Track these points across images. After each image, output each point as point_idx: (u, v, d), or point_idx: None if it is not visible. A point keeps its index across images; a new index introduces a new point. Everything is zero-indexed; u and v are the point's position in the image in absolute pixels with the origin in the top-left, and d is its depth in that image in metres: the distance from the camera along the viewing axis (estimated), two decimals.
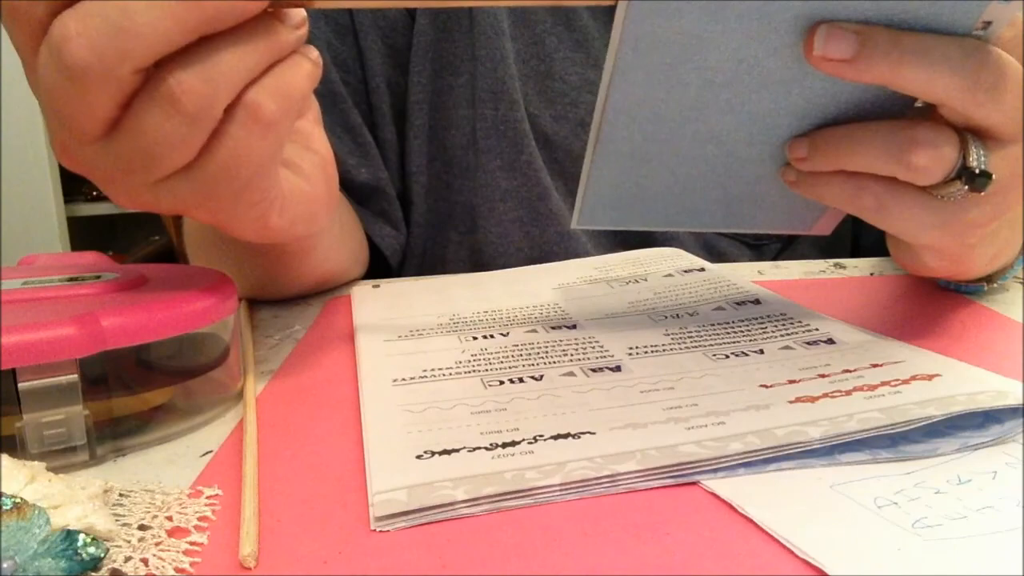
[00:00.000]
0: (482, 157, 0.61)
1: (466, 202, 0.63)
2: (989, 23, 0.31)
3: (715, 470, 0.27)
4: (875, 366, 0.34)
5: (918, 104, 0.35)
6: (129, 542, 0.24)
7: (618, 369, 0.35)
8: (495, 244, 0.63)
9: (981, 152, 0.32)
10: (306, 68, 0.30)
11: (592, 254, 0.62)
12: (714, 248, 0.65)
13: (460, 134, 0.62)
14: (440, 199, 0.64)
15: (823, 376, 0.33)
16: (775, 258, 0.66)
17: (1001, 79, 0.31)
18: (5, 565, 0.21)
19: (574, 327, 0.42)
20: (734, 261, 0.65)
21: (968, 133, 0.33)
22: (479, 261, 0.63)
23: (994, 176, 0.32)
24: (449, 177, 0.63)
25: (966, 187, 0.33)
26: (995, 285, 0.46)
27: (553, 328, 0.42)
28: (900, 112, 0.34)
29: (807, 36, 0.31)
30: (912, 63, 0.30)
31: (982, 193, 0.33)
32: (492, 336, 0.41)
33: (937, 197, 0.33)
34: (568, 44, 0.62)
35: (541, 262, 0.61)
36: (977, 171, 0.32)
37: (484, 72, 0.60)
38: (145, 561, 0.23)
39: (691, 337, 0.39)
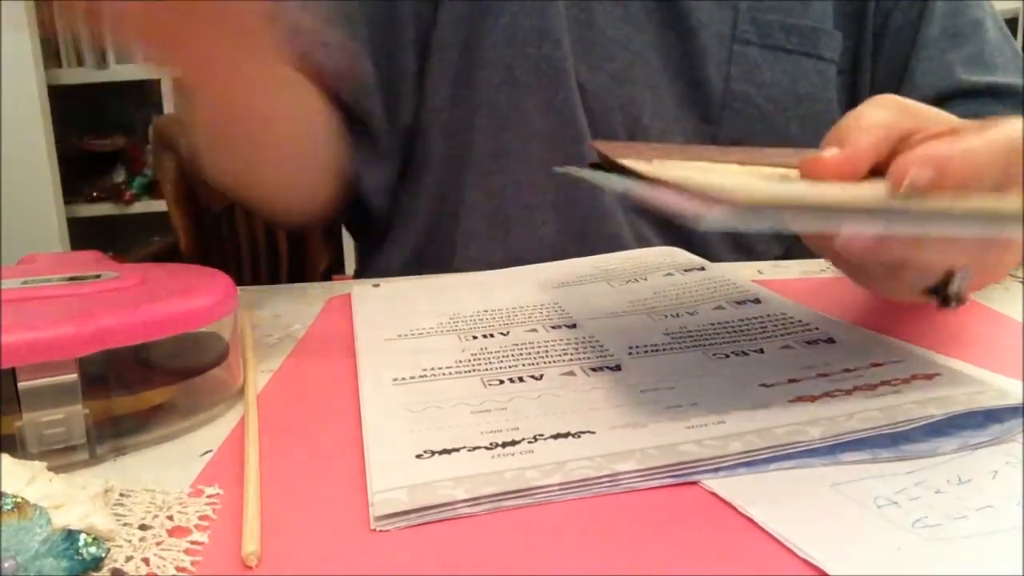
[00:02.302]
0: (520, 95, 0.61)
1: (489, 143, 0.62)
2: None
3: (715, 469, 0.27)
4: (875, 365, 0.34)
5: None
6: (130, 542, 0.24)
7: (618, 368, 0.35)
8: (520, 185, 0.62)
9: (964, 282, 0.33)
10: None
11: (615, 206, 0.62)
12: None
13: (494, 72, 0.61)
14: (460, 139, 0.63)
15: (823, 375, 0.33)
16: (795, 240, 0.66)
17: (1006, 251, 0.34)
18: (6, 565, 0.21)
19: (574, 326, 0.42)
20: (755, 247, 0.65)
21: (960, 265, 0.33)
22: (497, 207, 0.63)
23: (966, 297, 0.33)
24: (475, 117, 0.63)
25: (937, 304, 0.34)
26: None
27: (553, 327, 0.42)
28: None
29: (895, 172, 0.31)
30: (929, 251, 0.31)
31: (948, 308, 0.34)
32: (492, 335, 0.41)
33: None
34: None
35: (565, 209, 0.61)
36: (952, 298, 0.33)
37: (531, 11, 0.61)
38: (146, 561, 0.23)
39: (691, 336, 0.39)
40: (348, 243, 1.74)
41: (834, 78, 0.64)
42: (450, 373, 0.36)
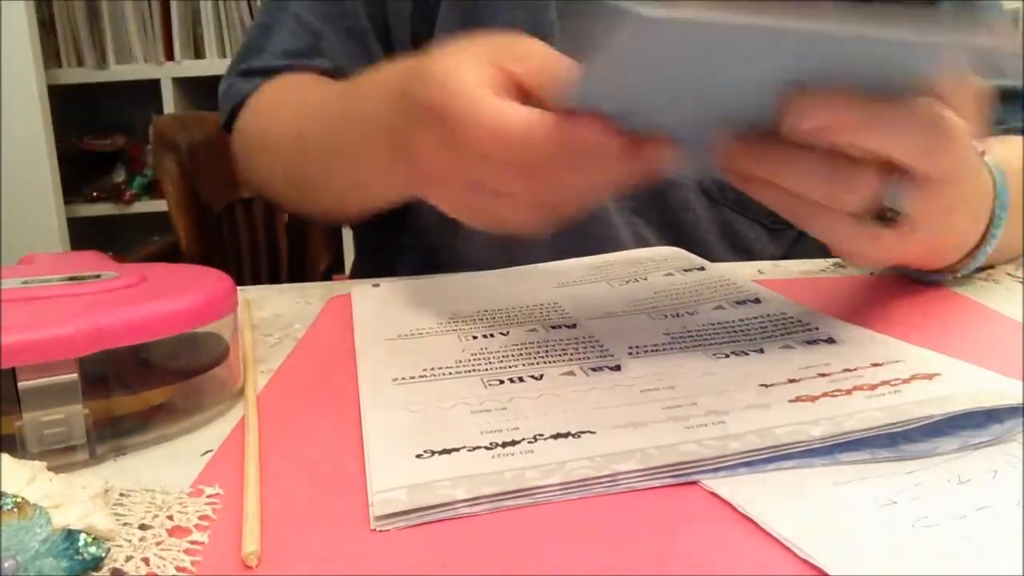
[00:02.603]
0: None
1: None
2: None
3: (715, 469, 0.27)
4: (875, 365, 0.34)
5: None
6: (130, 541, 0.24)
7: (618, 368, 0.35)
8: None
9: (896, 194, 0.35)
10: None
11: (611, 207, 0.62)
12: (729, 227, 0.64)
13: None
14: None
15: (823, 375, 0.33)
16: (794, 243, 0.66)
17: (945, 140, 0.35)
18: (7, 565, 0.21)
19: (574, 326, 0.42)
20: (751, 245, 0.65)
21: (891, 175, 0.34)
22: None
23: (908, 213, 0.35)
24: None
25: (877, 222, 0.35)
26: (959, 275, 0.47)
27: (553, 327, 0.42)
28: None
29: (784, 106, 0.32)
30: (875, 132, 0.33)
31: (892, 227, 0.35)
32: (492, 335, 0.41)
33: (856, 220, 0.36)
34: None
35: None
36: (887, 212, 0.35)
37: (525, 18, 0.61)
38: (146, 560, 0.23)
39: (691, 336, 0.39)
40: (348, 243, 1.74)
41: None
42: (450, 373, 0.36)
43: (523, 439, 0.29)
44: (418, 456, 0.28)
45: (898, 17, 0.29)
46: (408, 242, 0.68)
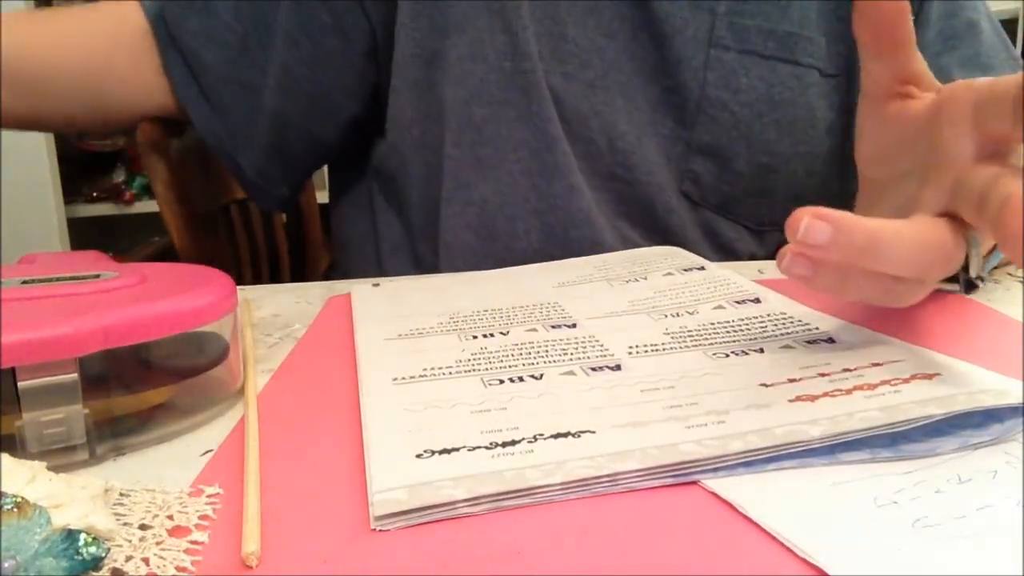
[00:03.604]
0: (491, 109, 0.62)
1: (463, 156, 0.63)
2: None
3: (715, 469, 0.27)
4: (875, 365, 0.34)
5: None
6: (130, 541, 0.24)
7: (618, 368, 0.35)
8: (500, 195, 0.63)
9: (979, 261, 0.34)
10: None
11: (595, 211, 0.62)
12: (711, 228, 0.65)
13: (462, 88, 0.62)
14: (433, 153, 0.64)
15: (823, 375, 0.33)
16: (778, 247, 0.67)
17: (949, 260, 0.33)
18: (6, 565, 0.21)
19: (574, 326, 0.42)
20: (734, 245, 0.65)
21: (972, 241, 0.33)
22: (479, 219, 0.63)
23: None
24: (445, 132, 0.63)
25: (963, 291, 0.34)
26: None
27: (553, 327, 0.42)
28: None
29: (791, 220, 0.30)
30: (875, 256, 0.31)
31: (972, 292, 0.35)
32: (492, 335, 0.41)
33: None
34: (581, 9, 0.63)
35: (547, 215, 0.61)
36: (975, 280, 0.34)
37: (495, 27, 0.61)
38: (146, 560, 0.23)
39: (691, 336, 0.39)
40: None
41: (816, 83, 0.63)
42: (450, 373, 0.36)
43: (523, 439, 0.29)
44: (418, 456, 0.28)
45: None
46: (395, 256, 0.68)
